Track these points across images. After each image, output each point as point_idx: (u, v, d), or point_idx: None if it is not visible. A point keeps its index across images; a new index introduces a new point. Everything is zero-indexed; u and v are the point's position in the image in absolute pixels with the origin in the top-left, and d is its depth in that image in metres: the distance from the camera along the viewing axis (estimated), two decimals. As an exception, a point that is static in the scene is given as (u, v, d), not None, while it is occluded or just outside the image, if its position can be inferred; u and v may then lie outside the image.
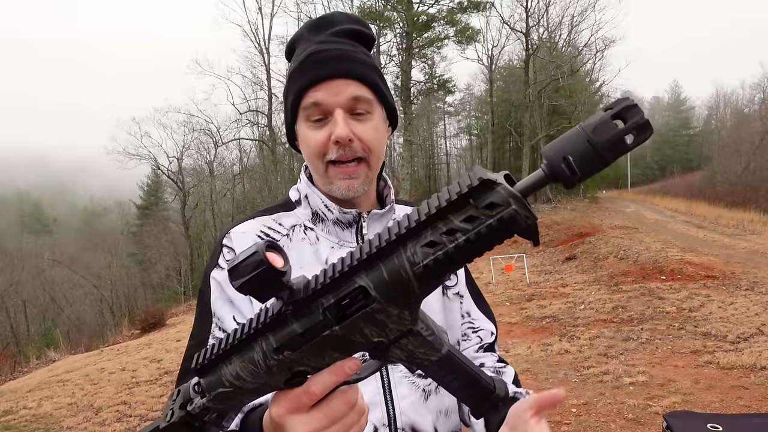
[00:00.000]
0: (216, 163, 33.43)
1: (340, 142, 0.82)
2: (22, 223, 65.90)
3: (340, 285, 0.45)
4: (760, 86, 47.76)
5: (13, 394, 8.04)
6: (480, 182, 0.41)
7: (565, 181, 0.41)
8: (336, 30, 0.87)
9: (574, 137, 0.40)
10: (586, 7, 29.99)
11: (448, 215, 0.42)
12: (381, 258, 0.44)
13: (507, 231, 0.41)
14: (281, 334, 0.47)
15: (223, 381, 0.50)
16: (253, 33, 29.43)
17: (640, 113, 0.38)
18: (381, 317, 0.46)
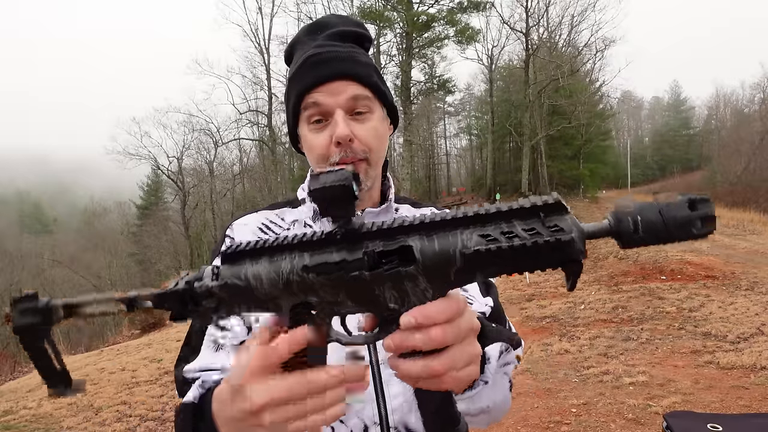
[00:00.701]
0: (216, 163, 33.46)
1: (342, 143, 0.83)
2: (22, 223, 65.92)
3: (392, 237, 0.48)
4: (760, 86, 47.81)
5: (13, 394, 8.04)
6: (556, 202, 0.45)
7: (626, 237, 0.44)
8: (332, 32, 0.88)
9: (647, 206, 0.44)
10: (586, 7, 30.03)
11: (513, 219, 0.45)
12: (438, 229, 0.47)
13: (558, 255, 0.44)
14: (317, 256, 0.49)
15: (241, 275, 0.51)
16: (253, 33, 29.45)
17: (711, 206, 0.44)
18: (408, 284, 0.47)
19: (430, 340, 0.48)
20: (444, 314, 0.48)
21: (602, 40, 29.86)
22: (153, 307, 0.54)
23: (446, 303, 0.49)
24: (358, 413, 0.82)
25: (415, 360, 0.50)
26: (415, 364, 0.50)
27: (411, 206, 1.02)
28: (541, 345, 6.69)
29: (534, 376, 5.36)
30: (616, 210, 0.46)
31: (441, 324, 0.48)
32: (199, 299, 0.52)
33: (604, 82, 33.84)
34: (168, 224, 35.06)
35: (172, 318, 0.54)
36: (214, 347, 0.87)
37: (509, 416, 4.35)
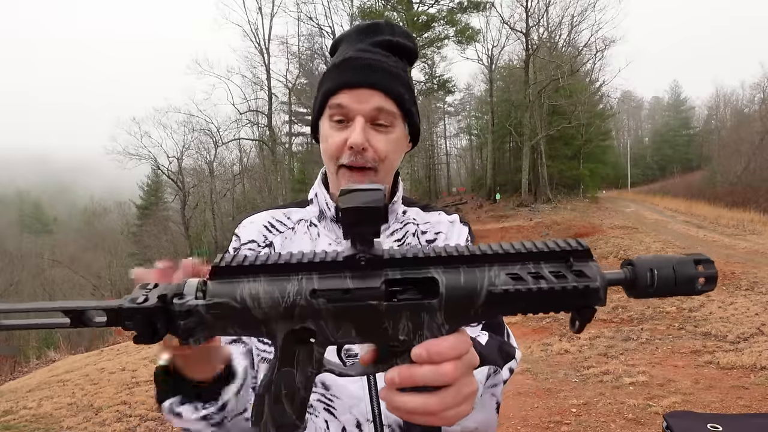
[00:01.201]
0: (216, 163, 33.43)
1: (354, 149, 0.84)
2: (22, 223, 65.91)
3: (415, 266, 0.45)
4: (760, 86, 47.78)
5: (13, 394, 8.04)
6: (584, 249, 0.46)
7: (641, 289, 0.47)
8: (380, 40, 0.89)
9: (664, 260, 0.47)
10: (586, 7, 30.01)
11: (541, 261, 0.46)
12: (465, 263, 0.46)
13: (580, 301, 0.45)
14: (328, 280, 0.45)
15: (235, 294, 0.45)
16: (253, 33, 29.40)
17: (714, 269, 0.47)
18: (425, 317, 0.45)
19: (441, 376, 0.47)
20: (456, 351, 0.47)
21: (602, 40, 29.88)
22: (107, 325, 0.45)
23: (458, 339, 0.48)
24: (351, 409, 0.82)
25: (412, 395, 0.48)
26: (412, 399, 0.48)
27: (420, 210, 1.02)
28: (541, 345, 6.69)
29: (534, 376, 5.36)
30: (635, 264, 0.47)
31: (452, 360, 0.47)
32: (174, 319, 0.45)
33: (604, 82, 33.85)
34: (168, 224, 35.06)
35: (136, 340, 0.45)
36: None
37: (509, 416, 4.35)
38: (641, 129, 75.74)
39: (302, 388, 0.48)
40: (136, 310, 0.44)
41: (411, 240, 0.96)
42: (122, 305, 0.44)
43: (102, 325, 0.45)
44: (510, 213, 27.13)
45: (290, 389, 0.48)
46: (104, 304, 0.45)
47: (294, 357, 0.47)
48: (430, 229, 0.98)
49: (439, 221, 1.00)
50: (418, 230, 0.98)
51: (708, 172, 41.26)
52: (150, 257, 34.39)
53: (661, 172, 58.25)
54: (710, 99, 64.21)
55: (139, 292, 0.46)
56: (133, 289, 0.47)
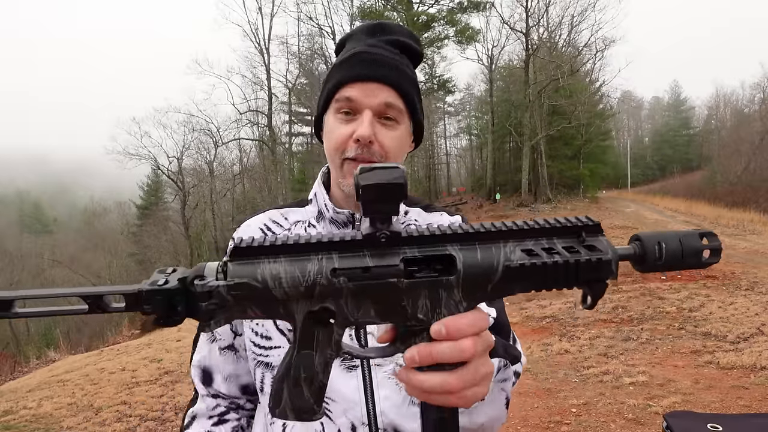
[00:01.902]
0: (216, 163, 33.41)
1: (361, 141, 0.83)
2: (22, 223, 65.89)
3: (432, 244, 0.46)
4: (760, 86, 47.78)
5: (13, 394, 8.03)
6: (595, 224, 0.47)
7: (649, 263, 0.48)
8: (388, 38, 0.90)
9: (670, 235, 0.49)
10: (586, 7, 30.01)
11: (554, 236, 0.47)
12: (480, 240, 0.47)
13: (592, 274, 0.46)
14: (348, 259, 0.46)
15: (256, 274, 0.45)
16: (253, 33, 29.42)
17: (718, 241, 0.49)
18: (443, 294, 0.46)
19: (461, 351, 0.47)
20: (474, 327, 0.48)
21: (602, 40, 29.90)
22: (126, 310, 0.45)
23: (476, 315, 0.48)
24: (346, 413, 0.81)
25: (431, 374, 0.48)
26: (432, 377, 0.48)
27: (423, 210, 1.01)
28: (541, 345, 6.69)
29: (534, 376, 5.36)
30: (643, 239, 0.49)
31: (471, 337, 0.48)
32: (195, 301, 0.45)
33: (604, 82, 33.87)
34: (168, 224, 35.05)
35: (156, 322, 0.45)
36: (210, 338, 0.94)
37: (509, 416, 4.35)
38: (641, 129, 75.75)
39: (321, 371, 0.48)
40: (156, 291, 0.44)
41: None
42: (142, 288, 0.44)
43: (121, 310, 0.45)
44: (510, 213, 27.13)
45: (309, 372, 0.48)
46: (123, 288, 0.44)
47: (313, 339, 0.47)
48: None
49: (440, 222, 0.99)
50: None
51: (708, 172, 41.27)
52: (150, 257, 34.44)
53: (661, 172, 58.26)
54: (710, 99, 64.33)
55: (159, 275, 0.46)
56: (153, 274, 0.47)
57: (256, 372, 0.88)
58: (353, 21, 26.77)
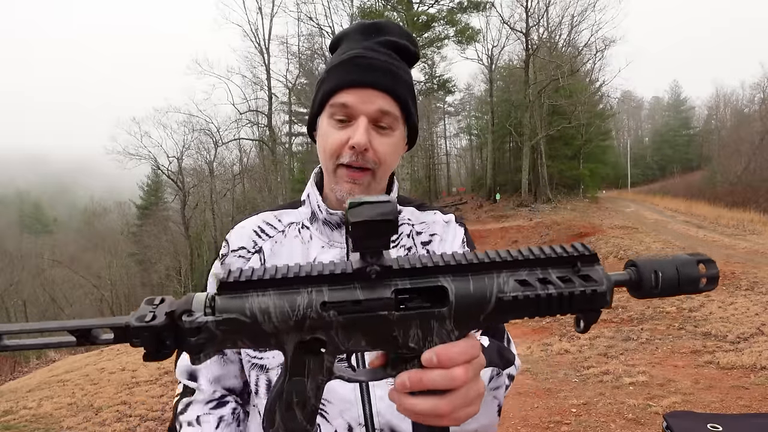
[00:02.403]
0: (216, 163, 33.41)
1: (356, 149, 0.83)
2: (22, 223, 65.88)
3: (424, 276, 0.46)
4: (760, 86, 47.78)
5: (13, 394, 8.03)
6: (591, 254, 0.47)
7: (645, 290, 0.48)
8: (384, 40, 0.89)
9: (667, 262, 0.48)
10: (586, 7, 30.01)
11: (548, 267, 0.47)
12: (473, 271, 0.46)
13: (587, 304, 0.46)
14: (339, 292, 0.45)
15: (245, 309, 0.44)
16: (253, 33, 29.42)
17: (715, 267, 0.49)
18: (435, 324, 0.46)
19: (452, 380, 0.48)
20: (466, 355, 0.48)
21: (602, 40, 29.90)
22: (114, 342, 0.44)
23: (468, 344, 0.48)
24: (343, 414, 0.81)
25: (422, 398, 0.49)
26: (423, 401, 0.49)
27: (416, 209, 1.01)
28: (541, 345, 6.69)
29: (534, 376, 5.36)
30: (639, 265, 0.48)
31: (462, 365, 0.48)
32: (184, 336, 0.44)
33: (604, 82, 33.85)
34: (168, 224, 35.04)
35: (145, 357, 0.45)
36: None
37: (509, 416, 4.35)
38: (641, 129, 75.75)
39: (313, 396, 0.48)
40: (143, 328, 0.43)
41: (406, 241, 0.95)
42: (129, 323, 0.43)
43: (109, 342, 0.44)
44: (510, 213, 27.13)
45: (301, 397, 0.48)
46: (111, 321, 0.44)
47: (305, 367, 0.47)
48: (425, 230, 0.97)
49: (434, 221, 0.99)
50: (413, 231, 0.96)
51: (708, 172, 41.26)
52: (150, 257, 34.45)
53: (661, 172, 58.25)
54: (710, 99, 64.31)
55: (147, 308, 0.45)
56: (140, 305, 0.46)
57: (250, 374, 0.88)
58: (353, 21, 26.74)
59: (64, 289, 33.42)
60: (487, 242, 21.13)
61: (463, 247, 0.98)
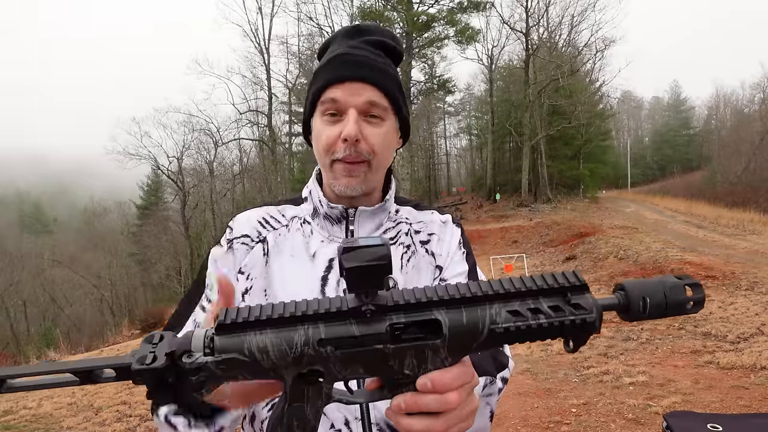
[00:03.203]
0: (216, 163, 33.41)
1: (348, 141, 0.84)
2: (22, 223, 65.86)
3: (418, 310, 0.48)
4: (760, 86, 47.80)
5: (13, 394, 8.04)
6: (581, 285, 0.48)
7: (633, 314, 0.50)
8: (368, 39, 0.91)
9: (655, 286, 0.50)
10: (586, 7, 30.05)
11: (540, 296, 0.48)
12: (466, 303, 0.48)
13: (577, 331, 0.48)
14: (335, 328, 0.47)
15: (243, 348, 0.46)
16: (253, 33, 29.45)
17: (702, 291, 0.51)
18: (429, 353, 0.48)
19: (446, 404, 0.50)
20: (459, 381, 0.50)
21: (602, 40, 29.91)
22: (117, 379, 0.46)
23: (462, 370, 0.50)
24: (339, 408, 0.83)
25: (417, 418, 0.50)
26: (418, 422, 0.51)
27: (413, 209, 1.02)
28: (541, 345, 6.68)
29: (534, 376, 5.36)
30: (628, 290, 0.50)
31: (456, 389, 0.50)
32: (185, 375, 0.46)
33: (604, 82, 33.88)
34: (168, 224, 35.04)
35: (149, 396, 0.47)
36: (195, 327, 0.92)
37: (509, 416, 4.35)
38: (641, 129, 75.76)
39: (313, 419, 0.50)
40: (145, 371, 0.45)
41: (404, 239, 0.96)
42: (132, 366, 0.45)
43: (111, 379, 0.46)
44: (510, 213, 27.14)
45: (301, 421, 0.50)
46: (114, 362, 0.45)
47: (304, 394, 0.49)
48: (423, 229, 0.99)
49: (432, 221, 1.00)
50: (411, 230, 0.98)
51: (708, 172, 41.26)
52: (150, 257, 34.44)
53: (661, 172, 58.24)
54: (710, 99, 64.33)
55: (147, 347, 0.46)
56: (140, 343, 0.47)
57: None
58: (353, 21, 26.74)
59: (64, 289, 33.41)
60: (487, 242, 21.13)
61: (460, 248, 0.99)
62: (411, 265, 0.94)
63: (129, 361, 0.45)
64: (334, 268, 0.90)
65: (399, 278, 0.92)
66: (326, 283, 0.89)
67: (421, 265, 0.95)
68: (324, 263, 0.91)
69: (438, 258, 0.97)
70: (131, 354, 0.46)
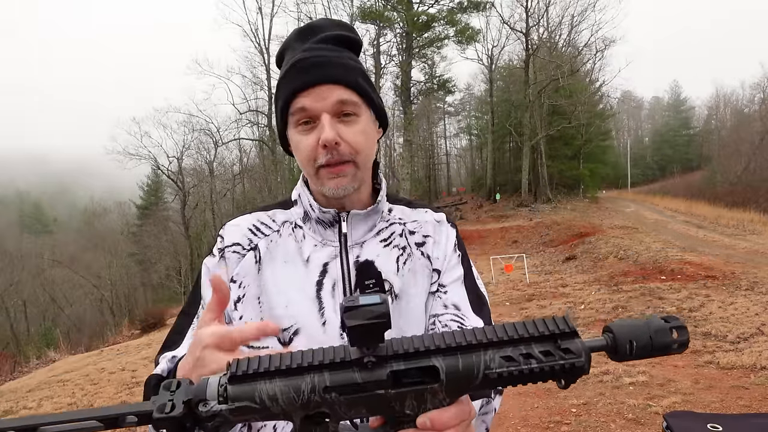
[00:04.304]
0: (216, 163, 33.43)
1: (328, 146, 0.83)
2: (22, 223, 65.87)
3: (417, 358, 0.51)
4: (760, 86, 47.81)
5: (13, 394, 8.04)
6: (570, 331, 0.52)
7: (621, 356, 0.53)
8: (322, 36, 0.88)
9: (641, 329, 0.53)
10: (586, 7, 30.07)
11: (531, 342, 0.51)
12: (462, 350, 0.51)
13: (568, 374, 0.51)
14: (339, 376, 0.50)
15: (254, 396, 0.49)
16: (253, 33, 29.47)
17: (687, 334, 0.54)
18: (428, 396, 0.51)
19: None
20: (457, 419, 0.53)
21: (602, 40, 29.92)
22: (139, 424, 0.50)
23: (459, 408, 0.54)
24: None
25: None
26: None
27: (406, 207, 1.01)
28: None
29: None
30: (615, 333, 0.53)
31: (453, 427, 0.53)
32: (201, 421, 0.50)
33: (604, 82, 33.90)
34: (168, 224, 35.07)
35: None
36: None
37: (509, 416, 4.35)
38: (641, 129, 75.77)
39: None
40: (165, 419, 0.49)
41: (399, 240, 0.95)
42: (153, 414, 0.49)
43: (134, 424, 0.50)
44: (510, 213, 27.15)
45: None
46: (138, 409, 0.49)
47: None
48: (417, 230, 0.97)
49: (426, 220, 0.99)
50: (405, 230, 0.97)
51: (708, 172, 41.27)
52: (150, 257, 34.45)
53: (661, 172, 58.25)
54: (710, 99, 64.37)
55: (165, 395, 0.50)
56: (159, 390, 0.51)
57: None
58: (353, 21, 26.74)
59: (64, 289, 33.41)
60: (487, 242, 21.13)
61: (455, 251, 0.98)
62: (407, 268, 0.93)
63: (150, 408, 0.49)
64: (329, 272, 0.89)
65: (395, 281, 0.91)
66: (321, 288, 0.88)
67: (417, 268, 0.94)
68: (318, 268, 0.90)
69: (435, 261, 0.96)
70: (152, 401, 0.50)
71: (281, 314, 0.87)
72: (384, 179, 0.99)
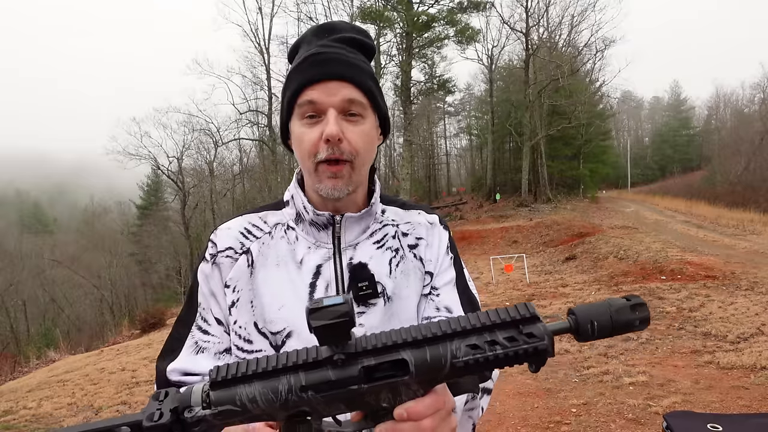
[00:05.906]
0: (216, 163, 33.43)
1: (330, 141, 0.83)
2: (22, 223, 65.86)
3: (387, 352, 0.54)
4: (760, 86, 47.79)
5: (13, 394, 8.04)
6: (531, 316, 0.54)
7: (584, 337, 0.56)
8: (339, 36, 0.89)
9: (602, 309, 0.56)
10: (586, 7, 30.14)
11: (495, 329, 0.54)
12: (428, 343, 0.54)
13: (533, 357, 0.53)
14: (313, 375, 0.53)
15: (235, 399, 0.52)
16: (253, 33, 29.50)
17: (647, 310, 0.56)
18: (402, 388, 0.54)
19: (421, 430, 0.56)
20: (432, 409, 0.56)
21: (602, 40, 29.92)
22: None
23: (434, 398, 0.56)
24: None
25: None
26: None
27: (399, 208, 1.01)
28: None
29: (534, 376, 5.36)
30: (577, 315, 0.56)
31: (430, 416, 0.56)
32: (188, 428, 0.53)
33: (604, 82, 33.95)
34: (168, 224, 35.08)
35: None
36: (195, 349, 0.92)
37: (509, 416, 4.35)
38: (641, 129, 75.73)
39: None
40: (154, 427, 0.51)
41: (392, 242, 0.95)
42: (143, 423, 0.52)
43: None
44: (510, 213, 27.13)
45: None
46: (128, 420, 0.52)
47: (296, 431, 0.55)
48: (410, 231, 0.98)
49: (419, 222, 0.99)
50: (398, 231, 0.97)
51: (708, 172, 41.25)
52: (150, 257, 34.45)
53: (661, 172, 58.21)
54: (710, 99, 64.31)
55: (154, 405, 0.53)
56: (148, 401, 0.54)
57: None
58: (353, 21, 26.72)
59: (64, 289, 33.40)
60: (487, 242, 21.13)
61: (448, 254, 0.99)
62: (399, 270, 0.93)
63: (140, 418, 0.52)
64: (322, 274, 0.89)
65: (388, 283, 0.91)
66: (314, 290, 0.88)
67: (409, 270, 0.94)
68: (311, 270, 0.89)
69: (427, 264, 0.96)
70: (142, 412, 0.53)
71: (274, 317, 0.87)
72: (378, 180, 0.99)
